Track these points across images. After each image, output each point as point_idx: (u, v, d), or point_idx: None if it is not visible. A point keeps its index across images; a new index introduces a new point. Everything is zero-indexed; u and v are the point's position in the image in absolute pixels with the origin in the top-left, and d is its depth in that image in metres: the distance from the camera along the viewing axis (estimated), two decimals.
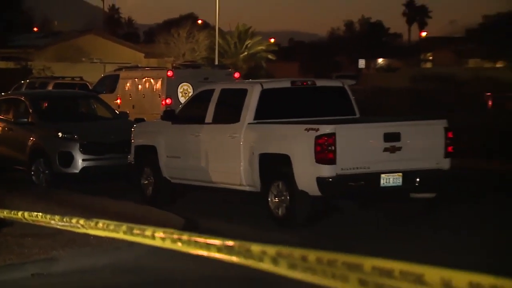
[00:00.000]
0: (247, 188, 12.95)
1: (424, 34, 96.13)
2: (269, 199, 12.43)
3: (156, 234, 7.93)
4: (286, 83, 14.29)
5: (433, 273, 2.79)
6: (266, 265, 6.70)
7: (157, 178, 14.28)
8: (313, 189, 11.83)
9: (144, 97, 21.52)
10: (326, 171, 11.72)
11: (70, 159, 15.78)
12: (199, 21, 66.07)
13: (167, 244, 8.41)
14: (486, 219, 13.25)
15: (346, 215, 13.28)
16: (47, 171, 15.88)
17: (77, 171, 15.73)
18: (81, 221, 8.31)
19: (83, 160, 15.72)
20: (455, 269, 2.51)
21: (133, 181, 14.76)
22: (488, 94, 36.59)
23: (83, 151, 15.79)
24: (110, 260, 9.96)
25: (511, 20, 58.97)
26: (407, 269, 2.93)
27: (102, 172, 15.78)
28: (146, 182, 14.40)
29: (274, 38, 73.20)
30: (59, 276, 9.40)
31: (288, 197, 12.16)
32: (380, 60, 79.63)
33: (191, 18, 69.40)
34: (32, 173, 16.13)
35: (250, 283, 8.46)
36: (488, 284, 2.64)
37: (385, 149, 11.96)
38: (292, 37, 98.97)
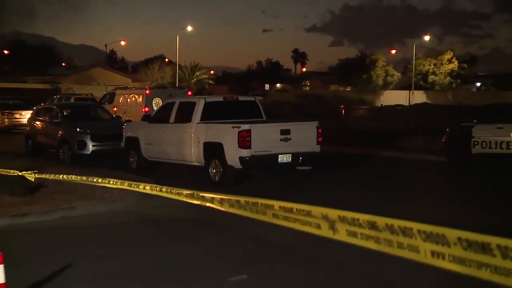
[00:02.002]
0: (196, 164, 15.82)
1: (304, 69, 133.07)
2: (209, 170, 15.27)
3: (146, 187, 11.30)
4: (220, 98, 17.24)
5: (316, 210, 5.20)
6: (214, 205, 10.28)
7: (139, 157, 17.77)
8: (237, 164, 14.63)
9: (131, 106, 25.98)
10: (245, 153, 14.41)
11: (84, 145, 20.01)
12: (166, 60, 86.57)
13: (154, 192, 11.63)
14: (339, 181, 16.30)
15: (258, 179, 16.08)
16: (69, 153, 20.10)
17: (88, 152, 19.99)
18: (99, 180, 11.41)
19: (92, 145, 19.98)
20: (329, 207, 4.31)
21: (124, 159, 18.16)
22: (342, 106, 45.15)
23: (92, 140, 20.06)
24: (109, 207, 12.28)
25: (353, 63, 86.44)
26: (300, 207, 5.25)
27: (104, 153, 19.95)
28: (132, 159, 18.02)
29: (213, 71, 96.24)
30: (77, 218, 11.48)
31: (221, 169, 14.97)
32: (278, 85, 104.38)
33: (161, 57, 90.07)
34: (60, 153, 20.49)
35: (201, 222, 10.57)
36: (335, 216, 4.33)
37: (281, 139, 14.85)
38: (224, 69, 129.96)
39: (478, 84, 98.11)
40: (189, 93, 29.23)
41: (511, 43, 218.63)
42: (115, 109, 26.46)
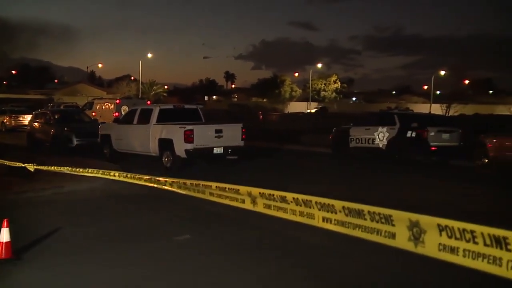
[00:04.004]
0: (153, 154, 15.45)
1: (233, 86, 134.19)
2: (163, 159, 14.95)
3: (116, 174, 11.17)
4: (170, 106, 17.12)
5: (243, 189, 5.48)
6: (167, 187, 10.27)
7: (111, 149, 17.28)
8: (183, 155, 14.42)
9: (105, 112, 24.99)
10: (189, 146, 14.26)
11: (70, 140, 19.17)
12: (132, 78, 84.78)
13: (121, 178, 11.49)
14: (258, 167, 16.18)
15: (199, 167, 15.54)
16: (59, 146, 19.40)
17: (73, 145, 19.37)
18: (81, 169, 11.12)
19: (76, 140, 19.45)
20: (252, 187, 5.10)
21: (101, 151, 17.53)
22: (260, 112, 45.16)
23: (76, 136, 19.34)
24: (89, 186, 11.97)
25: (268, 82, 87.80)
26: (231, 187, 5.69)
27: (85, 146, 19.22)
28: (106, 151, 17.47)
29: (167, 86, 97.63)
30: (65, 194, 11.29)
31: (171, 158, 14.69)
32: (214, 97, 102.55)
33: (128, 76, 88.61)
34: (53, 146, 19.80)
35: (157, 198, 10.12)
36: (256, 192, 5.43)
37: (215, 136, 14.69)
38: (175, 85, 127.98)
39: (354, 98, 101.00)
40: (149, 102, 28.67)
41: (375, 71, 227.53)
42: (93, 114, 25.75)
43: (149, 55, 71.86)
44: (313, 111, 63.87)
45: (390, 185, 12.78)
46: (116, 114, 23.59)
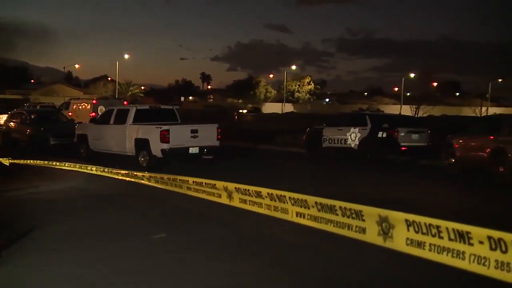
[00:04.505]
0: (129, 154, 15.33)
1: (209, 87, 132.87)
2: (139, 159, 14.91)
3: (93, 169, 11.20)
4: (147, 107, 17.03)
5: (219, 184, 5.49)
6: (144, 182, 10.34)
7: (87, 149, 17.04)
8: (159, 154, 14.36)
9: (82, 112, 24.44)
10: (165, 146, 14.18)
11: (47, 140, 18.88)
12: (109, 78, 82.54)
13: (99, 172, 11.52)
14: (233, 165, 16.22)
15: (175, 166, 14.96)
16: (35, 146, 19.08)
17: (50, 145, 19.14)
18: (57, 163, 11.03)
19: (52, 140, 19.27)
20: (232, 183, 5.15)
21: (77, 150, 17.29)
22: (235, 113, 45.00)
23: (52, 136, 19.09)
24: (65, 185, 11.86)
25: (243, 83, 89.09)
26: (208, 181, 5.72)
27: (62, 146, 18.81)
28: (82, 150, 17.17)
29: (144, 87, 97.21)
30: (42, 193, 11.08)
31: (148, 158, 14.63)
32: (190, 98, 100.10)
33: (105, 76, 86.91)
34: (29, 146, 19.48)
35: (133, 196, 10.34)
36: (232, 187, 5.21)
37: (191, 136, 14.63)
38: (151, 86, 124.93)
39: (327, 99, 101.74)
40: (125, 103, 28.30)
41: (347, 73, 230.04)
42: (70, 114, 25.25)
43: (126, 56, 71.61)
44: (245, 111, 65.06)
45: (362, 183, 12.95)
46: (93, 114, 23.27)
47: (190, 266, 5.79)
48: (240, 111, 62.55)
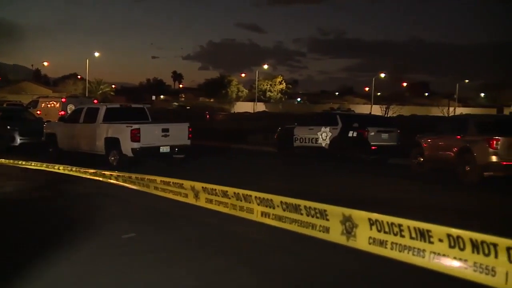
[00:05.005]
0: (100, 153, 15.17)
1: (181, 86, 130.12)
2: (109, 157, 14.80)
3: (60, 168, 11.05)
4: (117, 105, 17.12)
5: (186, 183, 5.42)
6: (112, 181, 10.29)
7: (56, 147, 16.86)
8: (130, 153, 14.34)
9: (51, 110, 24.09)
10: (136, 145, 14.21)
11: (13, 139, 18.57)
12: (79, 76, 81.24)
13: (66, 171, 11.40)
14: (204, 164, 16.20)
15: (145, 165, 14.99)
16: (1, 145, 18.56)
17: (17, 144, 18.91)
18: (23, 162, 10.78)
19: (20, 139, 18.90)
20: (202, 182, 5.11)
21: (47, 149, 17.05)
22: (207, 112, 45.13)
23: (20, 135, 18.71)
24: (32, 185, 11.50)
25: (215, 82, 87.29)
26: (175, 181, 5.68)
27: (29, 145, 18.61)
28: (51, 150, 16.99)
29: (114, 85, 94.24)
30: (7, 193, 10.73)
31: (118, 157, 14.57)
32: (162, 96, 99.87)
33: (74, 74, 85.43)
34: None
35: (103, 195, 10.13)
36: (199, 187, 5.23)
37: (162, 136, 14.65)
38: (122, 84, 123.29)
39: (299, 99, 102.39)
40: (95, 101, 27.90)
41: (319, 73, 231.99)
42: (38, 112, 24.86)
43: (97, 54, 70.71)
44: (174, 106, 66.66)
45: (331, 182, 13.08)
46: (62, 112, 23.02)
47: (156, 266, 5.73)
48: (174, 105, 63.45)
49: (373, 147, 16.99)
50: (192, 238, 7.08)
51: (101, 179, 10.83)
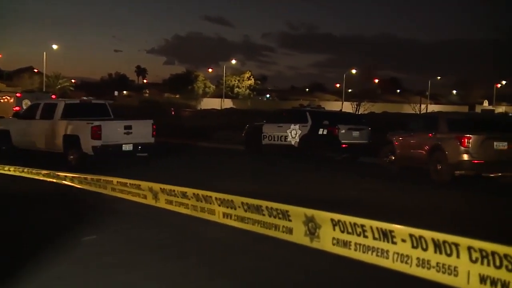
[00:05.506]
0: (58, 151, 14.92)
1: (145, 81, 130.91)
2: (68, 156, 14.57)
3: (11, 169, 10.86)
4: (77, 101, 16.68)
5: (144, 184, 5.26)
6: (67, 182, 10.19)
7: (10, 146, 16.51)
8: (90, 152, 14.10)
9: (4, 106, 23.47)
10: (96, 143, 13.96)
11: None
12: (36, 70, 78.41)
13: (17, 173, 11.22)
14: (167, 163, 15.91)
15: (107, 165, 14.21)
16: None
17: None
18: None
19: None
20: (155, 182, 5.04)
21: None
22: (172, 109, 44.79)
23: None
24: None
25: (181, 77, 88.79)
26: (132, 182, 5.56)
27: None
28: (4, 148, 16.60)
29: (74, 80, 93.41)
30: None
31: (77, 156, 14.33)
32: (124, 92, 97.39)
33: (30, 68, 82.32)
34: None
35: (63, 196, 9.90)
36: (158, 188, 5.03)
37: (125, 133, 14.51)
38: (83, 79, 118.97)
39: (268, 95, 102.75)
40: (53, 96, 27.13)
41: (288, 68, 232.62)
42: None
43: (55, 47, 69.08)
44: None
45: (299, 181, 13.14)
46: (17, 108, 22.35)
47: (120, 269, 5.67)
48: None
49: (343, 145, 17.19)
50: (154, 240, 7.00)
51: (55, 180, 10.63)
